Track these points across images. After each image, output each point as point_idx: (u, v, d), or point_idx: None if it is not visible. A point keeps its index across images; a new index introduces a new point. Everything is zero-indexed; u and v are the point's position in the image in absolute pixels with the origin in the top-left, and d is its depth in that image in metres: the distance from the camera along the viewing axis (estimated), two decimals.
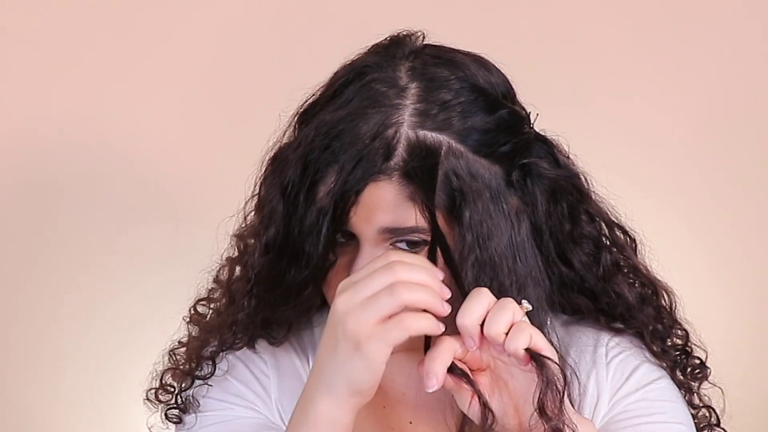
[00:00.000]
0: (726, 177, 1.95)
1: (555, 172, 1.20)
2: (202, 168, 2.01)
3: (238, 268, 1.27)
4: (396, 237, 1.15)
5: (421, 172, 1.13)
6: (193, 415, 1.25)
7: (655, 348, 1.28)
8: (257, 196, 1.23)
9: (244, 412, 1.25)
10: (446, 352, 1.11)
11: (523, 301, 1.12)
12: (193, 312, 1.33)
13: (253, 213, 1.25)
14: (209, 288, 1.33)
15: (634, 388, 1.24)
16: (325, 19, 2.02)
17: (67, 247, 2.00)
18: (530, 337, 1.09)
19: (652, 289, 1.29)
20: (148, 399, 1.31)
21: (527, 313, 1.12)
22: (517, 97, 1.23)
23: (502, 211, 1.15)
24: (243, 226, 1.28)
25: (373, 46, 1.21)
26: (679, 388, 1.28)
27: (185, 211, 2.01)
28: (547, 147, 1.21)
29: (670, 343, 1.29)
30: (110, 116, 2.00)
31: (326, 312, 1.24)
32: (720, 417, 1.32)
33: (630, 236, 1.27)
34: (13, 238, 2.00)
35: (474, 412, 1.13)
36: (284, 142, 1.21)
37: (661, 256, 1.28)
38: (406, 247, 1.15)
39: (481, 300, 1.10)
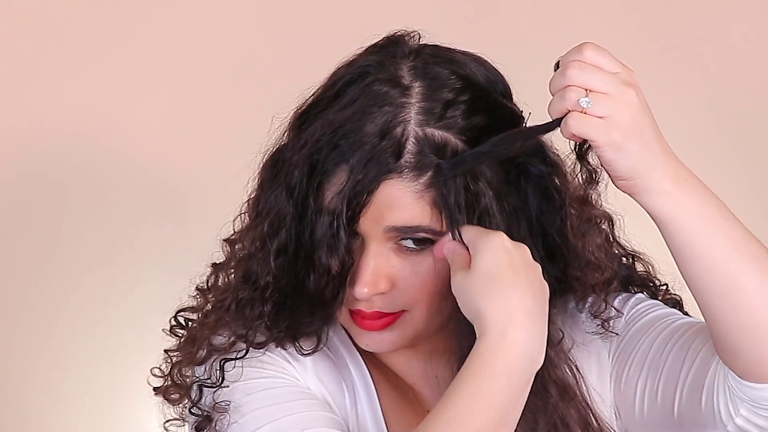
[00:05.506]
0: (726, 177, 1.95)
1: (546, 170, 1.20)
2: (207, 168, 2.01)
3: (228, 272, 1.25)
4: (402, 235, 1.15)
5: (433, 168, 1.13)
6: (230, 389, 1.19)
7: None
8: (254, 200, 1.22)
9: (284, 380, 1.21)
10: None
11: None
12: (181, 321, 1.29)
13: (245, 216, 1.24)
14: (205, 287, 1.29)
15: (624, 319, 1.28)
16: (328, 23, 2.03)
17: (69, 247, 2.01)
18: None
19: (632, 260, 1.32)
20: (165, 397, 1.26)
21: None
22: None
23: (505, 209, 1.16)
24: (240, 229, 1.25)
25: (370, 47, 1.21)
26: None
27: (187, 211, 2.01)
28: (537, 145, 1.21)
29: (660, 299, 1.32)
30: (114, 118, 2.01)
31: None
32: None
33: (610, 218, 1.28)
34: (15, 239, 2.00)
35: None
36: (281, 144, 1.21)
37: (662, 256, 1.28)
38: (413, 245, 1.16)
39: None
